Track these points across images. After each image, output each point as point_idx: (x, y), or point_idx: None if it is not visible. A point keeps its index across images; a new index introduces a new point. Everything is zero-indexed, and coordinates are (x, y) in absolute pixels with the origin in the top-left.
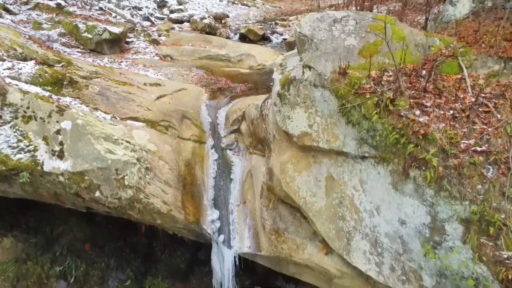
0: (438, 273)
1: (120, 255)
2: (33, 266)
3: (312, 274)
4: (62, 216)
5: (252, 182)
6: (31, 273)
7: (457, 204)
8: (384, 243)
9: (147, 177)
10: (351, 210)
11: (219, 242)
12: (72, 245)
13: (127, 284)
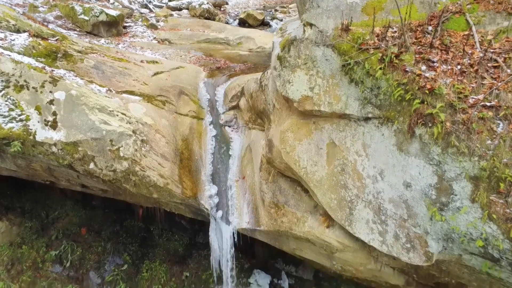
0: (444, 237)
1: (117, 239)
2: (28, 250)
3: (312, 250)
4: (58, 200)
5: (251, 157)
6: (26, 257)
7: (466, 161)
8: (388, 209)
9: (143, 150)
10: (353, 177)
11: (217, 218)
12: (68, 229)
13: (124, 268)
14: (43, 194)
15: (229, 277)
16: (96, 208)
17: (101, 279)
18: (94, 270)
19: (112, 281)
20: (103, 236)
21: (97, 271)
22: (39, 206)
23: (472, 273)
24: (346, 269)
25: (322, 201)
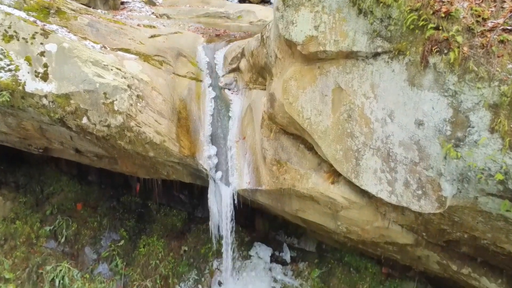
0: (459, 177)
1: (113, 215)
2: (22, 226)
3: (316, 210)
4: (53, 175)
5: (252, 117)
6: (20, 232)
7: (485, 87)
8: (397, 154)
9: (139, 105)
10: (360, 123)
11: (216, 179)
12: (63, 205)
13: (120, 244)
14: (37, 169)
15: (228, 245)
16: (92, 184)
17: (97, 255)
18: (90, 245)
19: (108, 256)
20: (99, 212)
21: (93, 247)
22: (34, 181)
23: (487, 222)
24: (352, 230)
25: (327, 153)
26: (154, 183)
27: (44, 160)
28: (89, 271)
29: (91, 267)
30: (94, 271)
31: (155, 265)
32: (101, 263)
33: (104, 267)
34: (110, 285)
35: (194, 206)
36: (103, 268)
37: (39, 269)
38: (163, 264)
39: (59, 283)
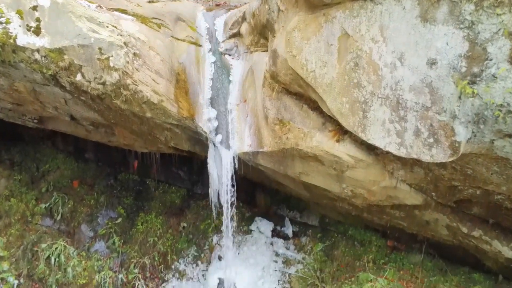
0: (475, 118)
1: (110, 192)
2: (17, 203)
3: (320, 172)
4: (48, 153)
5: (253, 79)
6: (15, 210)
7: (505, 13)
8: (407, 101)
9: (136, 63)
10: (368, 71)
11: (216, 143)
12: (59, 182)
13: (118, 222)
14: (33, 147)
15: (228, 213)
16: (89, 161)
17: (94, 233)
18: (86, 223)
19: (105, 234)
20: (96, 190)
21: (89, 224)
22: (29, 159)
23: (502, 171)
24: (357, 194)
25: (332, 107)
26: (153, 158)
27: (39, 137)
28: (86, 249)
29: (88, 245)
30: (91, 249)
31: (153, 242)
32: (98, 241)
33: (101, 244)
34: (107, 263)
35: (193, 182)
36: (100, 246)
37: (34, 247)
38: (161, 241)
39: (55, 261)
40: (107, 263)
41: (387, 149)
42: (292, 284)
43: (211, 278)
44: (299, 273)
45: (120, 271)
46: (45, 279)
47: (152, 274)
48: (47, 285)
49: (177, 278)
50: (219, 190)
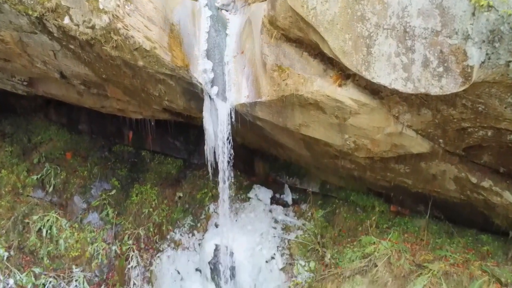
0: (489, 36)
1: (104, 164)
2: (7, 175)
3: (321, 123)
4: (41, 125)
5: (251, 30)
6: (6, 181)
7: None
8: (415, 28)
9: (127, 8)
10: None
11: (212, 95)
12: (51, 154)
13: (112, 193)
14: (25, 119)
15: (225, 175)
16: (82, 133)
17: (87, 204)
18: (79, 195)
19: (98, 206)
20: (90, 162)
21: (82, 196)
22: (21, 130)
23: None
24: (360, 145)
25: (334, 47)
26: (148, 128)
27: (31, 109)
28: (78, 221)
29: (81, 217)
30: (84, 221)
31: (148, 213)
32: (91, 213)
33: (94, 216)
34: (101, 235)
35: (190, 152)
36: (93, 218)
37: (25, 219)
38: (156, 212)
39: (46, 233)
40: (101, 234)
41: (392, 87)
42: (291, 250)
43: (207, 245)
44: (299, 239)
45: (114, 242)
46: (36, 251)
47: (147, 245)
48: (38, 257)
49: (172, 248)
50: (215, 148)
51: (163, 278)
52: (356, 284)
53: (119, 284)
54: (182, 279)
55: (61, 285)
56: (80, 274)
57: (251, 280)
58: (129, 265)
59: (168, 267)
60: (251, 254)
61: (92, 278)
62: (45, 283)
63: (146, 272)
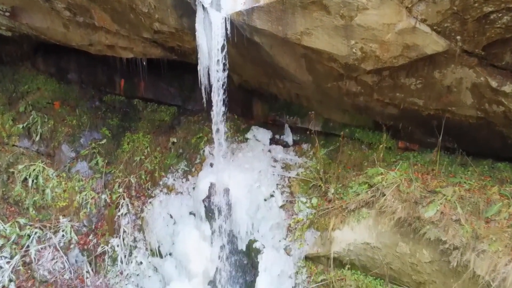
0: None
1: (95, 114)
2: None
3: (325, 28)
4: (28, 74)
5: None
6: None
7: None
8: None
9: None
10: None
11: (205, 4)
12: (38, 103)
13: (102, 143)
14: (11, 68)
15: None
16: (72, 83)
17: (75, 153)
18: (67, 143)
19: (87, 155)
20: (79, 111)
21: (71, 145)
22: (7, 80)
23: None
24: (368, 53)
25: None
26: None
27: (18, 57)
28: (66, 170)
29: (69, 166)
30: (72, 170)
31: (140, 161)
32: (80, 162)
33: (83, 165)
34: (90, 184)
35: (184, 99)
36: (81, 167)
37: (10, 169)
38: (149, 160)
39: (32, 183)
40: (89, 184)
41: None
42: (292, 188)
43: (201, 183)
44: (300, 176)
45: (104, 191)
46: (21, 202)
47: (138, 193)
48: (24, 207)
49: (165, 193)
50: (209, 67)
51: (155, 223)
52: (362, 217)
53: (109, 234)
54: (175, 223)
55: (47, 235)
56: (68, 224)
57: (248, 218)
58: (119, 212)
59: (160, 211)
60: (248, 191)
61: (80, 228)
62: (30, 233)
63: (137, 220)
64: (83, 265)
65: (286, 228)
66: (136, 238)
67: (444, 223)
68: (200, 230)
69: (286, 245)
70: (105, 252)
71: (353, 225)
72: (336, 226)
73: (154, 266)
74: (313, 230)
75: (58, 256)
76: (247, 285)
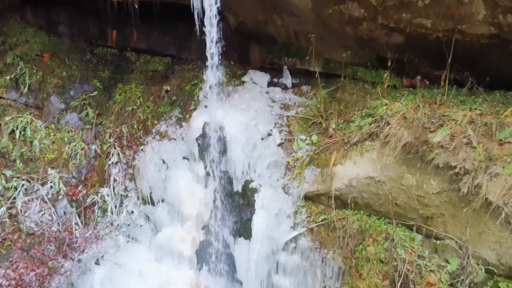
0: None
1: (86, 66)
2: None
3: None
4: (17, 27)
5: None
6: None
7: None
8: None
9: None
10: None
11: None
12: (27, 55)
13: (93, 95)
14: None
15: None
16: (62, 36)
17: (65, 105)
18: (57, 95)
19: (77, 106)
20: (70, 63)
21: (60, 96)
22: None
23: None
24: None
25: None
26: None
27: (6, 9)
28: (55, 121)
29: (58, 117)
30: (61, 121)
31: (132, 111)
32: (69, 113)
33: (72, 116)
34: (79, 135)
35: (179, 48)
36: (71, 118)
37: None
38: (141, 109)
39: (20, 135)
40: (79, 135)
41: None
42: (291, 127)
43: (195, 122)
44: (300, 114)
45: (94, 142)
46: (8, 154)
47: (130, 142)
48: (10, 160)
49: (157, 140)
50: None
51: (146, 169)
52: (365, 150)
53: (99, 184)
54: (168, 168)
55: (34, 187)
56: (56, 175)
57: (244, 156)
58: (110, 161)
59: (151, 157)
60: (244, 128)
61: (69, 180)
62: (17, 186)
63: (128, 169)
64: (72, 217)
65: (285, 166)
66: (127, 187)
67: (454, 146)
68: (194, 172)
69: (284, 184)
70: (95, 203)
71: (356, 159)
72: (337, 161)
73: (145, 215)
74: (313, 167)
75: (46, 207)
76: (243, 223)
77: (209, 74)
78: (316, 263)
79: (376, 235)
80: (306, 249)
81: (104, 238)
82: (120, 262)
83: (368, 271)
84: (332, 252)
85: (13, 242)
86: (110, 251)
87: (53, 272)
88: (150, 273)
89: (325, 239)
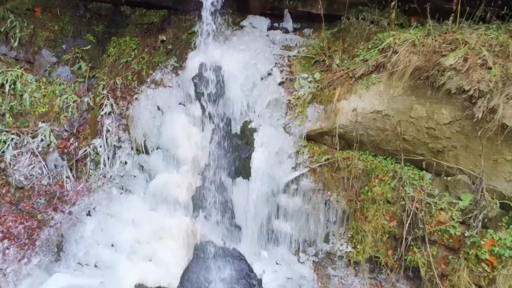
0: None
1: (79, 21)
2: None
3: None
4: None
5: None
6: None
7: None
8: None
9: None
10: None
11: None
12: (17, 9)
13: (86, 49)
14: None
15: None
16: None
17: (57, 58)
18: (49, 48)
19: (70, 59)
20: (62, 18)
21: (52, 50)
22: None
23: None
24: None
25: None
26: None
27: None
28: (46, 75)
29: (49, 70)
30: (52, 74)
31: (126, 63)
32: (61, 66)
33: (64, 69)
34: (72, 88)
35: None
36: (63, 71)
37: None
38: (136, 61)
39: (10, 88)
40: (72, 87)
41: None
42: (292, 67)
43: (191, 62)
44: (302, 54)
45: (87, 95)
46: None
47: (124, 93)
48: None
49: (152, 88)
50: None
51: (141, 116)
52: (371, 83)
53: (91, 137)
54: (163, 114)
55: (24, 140)
56: (47, 128)
57: (243, 95)
58: (102, 112)
59: (146, 104)
60: (243, 67)
61: (60, 133)
62: (6, 140)
63: (122, 120)
64: (63, 171)
65: (286, 105)
66: (121, 138)
67: (467, 68)
68: (190, 114)
69: (285, 123)
70: (87, 155)
71: (361, 92)
72: (341, 96)
73: (139, 165)
74: (316, 105)
75: (36, 161)
76: (242, 161)
77: (207, 20)
78: (319, 206)
79: (383, 175)
80: (308, 190)
81: (97, 191)
82: (112, 212)
83: (374, 212)
84: (336, 195)
85: (1, 196)
86: (103, 202)
87: (42, 225)
88: (144, 221)
89: (328, 180)
